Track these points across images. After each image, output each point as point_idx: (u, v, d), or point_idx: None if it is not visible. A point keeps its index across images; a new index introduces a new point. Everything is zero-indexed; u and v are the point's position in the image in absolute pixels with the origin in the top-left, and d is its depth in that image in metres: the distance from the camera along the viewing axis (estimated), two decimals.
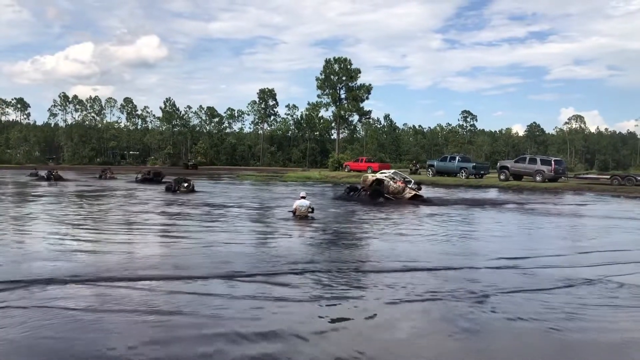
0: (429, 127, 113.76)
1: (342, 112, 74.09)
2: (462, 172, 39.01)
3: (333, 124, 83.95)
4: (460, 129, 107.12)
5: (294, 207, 15.51)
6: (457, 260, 9.47)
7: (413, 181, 22.98)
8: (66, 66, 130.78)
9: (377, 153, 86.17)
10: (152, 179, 33.93)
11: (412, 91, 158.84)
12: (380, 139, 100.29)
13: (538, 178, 34.31)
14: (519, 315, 6.04)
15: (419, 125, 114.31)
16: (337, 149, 73.01)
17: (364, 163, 49.65)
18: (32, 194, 25.08)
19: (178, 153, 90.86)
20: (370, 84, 74.22)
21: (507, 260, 9.48)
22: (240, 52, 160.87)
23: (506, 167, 36.87)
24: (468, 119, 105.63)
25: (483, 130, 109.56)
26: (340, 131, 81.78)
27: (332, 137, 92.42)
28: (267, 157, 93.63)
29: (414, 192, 21.60)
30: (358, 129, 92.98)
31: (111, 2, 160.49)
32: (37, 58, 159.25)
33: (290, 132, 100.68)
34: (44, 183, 33.11)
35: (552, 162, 35.11)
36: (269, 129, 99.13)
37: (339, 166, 53.02)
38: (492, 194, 28.99)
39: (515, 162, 37.38)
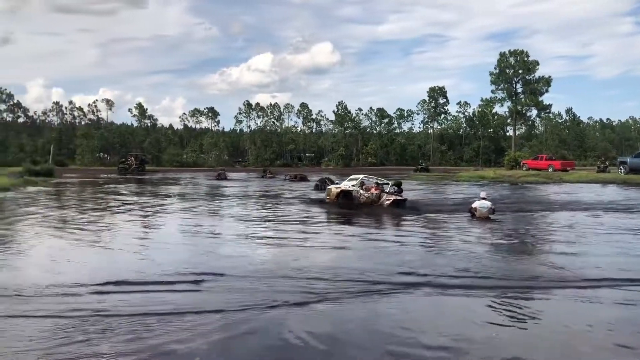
0: (619, 120, 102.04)
1: (519, 107, 70.16)
2: None
3: (508, 120, 79.91)
4: None
5: (474, 207, 15.20)
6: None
7: (390, 184, 19.87)
8: (249, 76, 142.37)
9: (559, 150, 79.66)
10: (298, 180, 41.65)
11: (598, 81, 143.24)
12: (561, 135, 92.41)
13: None
14: None
15: (607, 119, 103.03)
16: (514, 147, 69.39)
17: (545, 161, 46.38)
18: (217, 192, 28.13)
19: (350, 154, 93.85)
20: (549, 76, 69.24)
21: None
22: (409, 52, 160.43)
23: None
24: None
25: None
26: (517, 127, 77.45)
27: (508, 134, 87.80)
28: (437, 157, 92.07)
29: (393, 198, 18.55)
30: (536, 124, 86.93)
31: (287, 13, 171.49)
32: (224, 70, 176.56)
33: (461, 130, 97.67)
34: (221, 182, 40.26)
35: None
36: (439, 127, 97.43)
37: (516, 164, 50.24)
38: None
39: None
